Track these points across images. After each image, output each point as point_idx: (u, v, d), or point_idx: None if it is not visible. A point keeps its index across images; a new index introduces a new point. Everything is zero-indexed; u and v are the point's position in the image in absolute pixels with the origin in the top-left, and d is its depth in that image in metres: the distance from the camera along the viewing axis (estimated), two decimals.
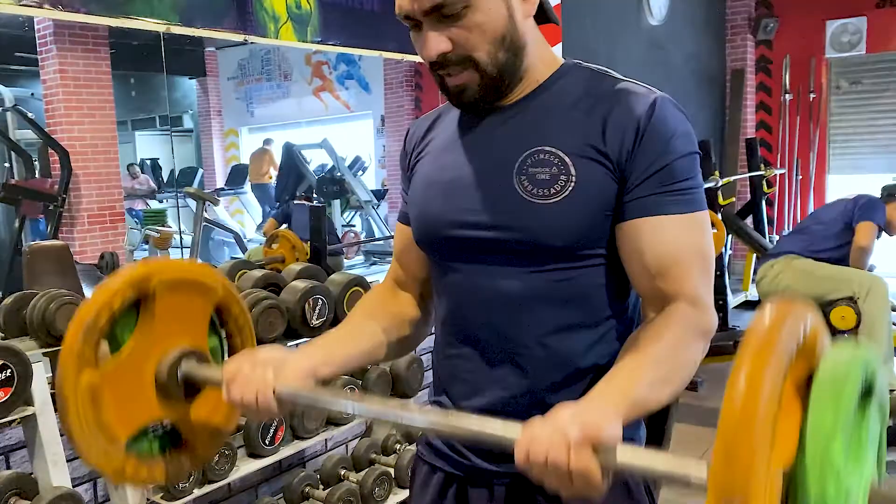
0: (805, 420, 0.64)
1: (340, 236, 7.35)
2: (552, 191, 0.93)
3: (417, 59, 4.49)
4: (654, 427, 2.14)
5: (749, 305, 5.92)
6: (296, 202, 4.97)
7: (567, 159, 0.93)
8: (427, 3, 0.91)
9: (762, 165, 6.10)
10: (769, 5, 6.96)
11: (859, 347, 0.68)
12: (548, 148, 0.94)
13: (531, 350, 0.97)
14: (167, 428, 1.04)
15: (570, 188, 0.92)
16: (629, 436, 1.02)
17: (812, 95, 6.86)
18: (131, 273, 0.98)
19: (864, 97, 6.78)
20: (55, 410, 1.77)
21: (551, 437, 0.73)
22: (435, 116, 1.12)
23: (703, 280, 0.94)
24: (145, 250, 7.26)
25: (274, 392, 0.93)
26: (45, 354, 1.93)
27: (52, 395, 1.83)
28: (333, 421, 2.31)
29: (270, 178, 9.57)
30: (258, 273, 2.36)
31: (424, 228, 1.06)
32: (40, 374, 1.69)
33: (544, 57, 1.01)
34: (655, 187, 0.92)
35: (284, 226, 4.85)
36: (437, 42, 0.93)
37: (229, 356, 1.10)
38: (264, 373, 0.93)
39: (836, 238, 3.71)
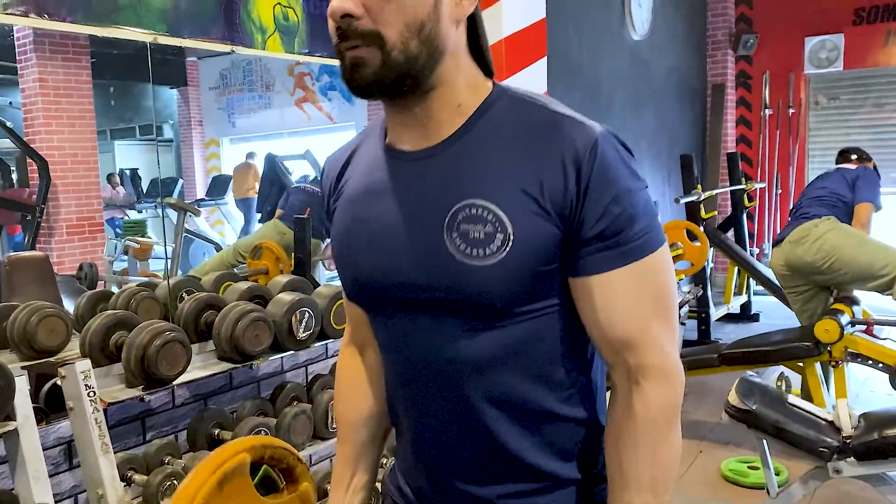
0: None
1: (323, 248, 7.31)
2: (487, 251, 0.84)
3: None
4: None
5: (731, 318, 5.97)
6: (294, 185, 4.92)
7: (502, 215, 0.84)
8: None
9: (743, 179, 6.17)
10: (749, 22, 7.06)
11: None
12: (480, 202, 0.85)
13: (480, 411, 0.91)
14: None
15: (508, 247, 0.83)
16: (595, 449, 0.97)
17: (791, 110, 6.96)
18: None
19: (841, 112, 6.89)
20: (38, 424, 1.74)
21: None
22: (352, 149, 1.03)
23: (665, 329, 0.88)
24: (124, 261, 7.18)
25: None
26: (24, 368, 1.90)
27: (35, 408, 1.79)
28: (319, 435, 2.28)
29: (255, 192, 9.53)
30: (244, 285, 2.34)
31: (355, 286, 0.98)
32: (22, 387, 1.65)
33: (471, 80, 0.91)
34: (606, 241, 0.84)
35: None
36: (351, 2, 0.83)
37: (282, 474, 1.16)
38: None
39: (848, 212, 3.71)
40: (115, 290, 5.09)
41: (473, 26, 0.91)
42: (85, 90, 5.84)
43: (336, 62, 0.88)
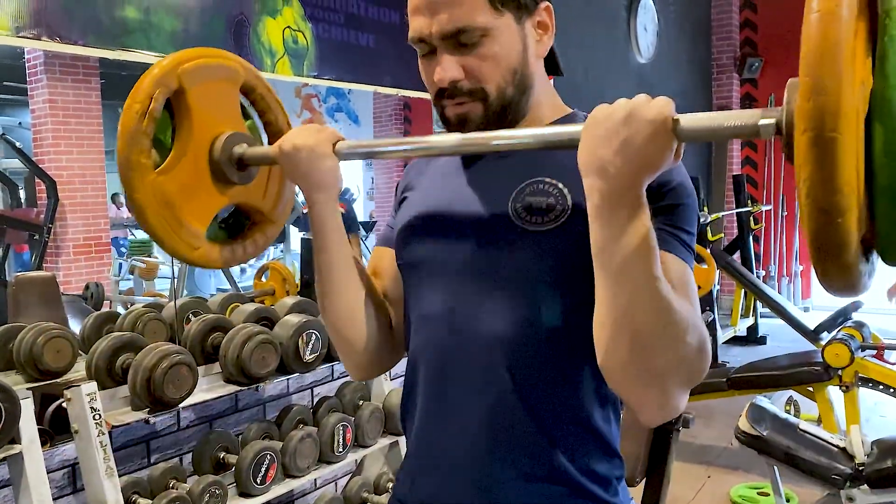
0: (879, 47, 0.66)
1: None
2: (546, 219, 0.90)
3: (410, 93, 4.53)
4: (653, 466, 2.11)
5: (738, 340, 5.94)
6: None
7: (565, 190, 0.91)
8: (447, 27, 0.90)
9: (749, 202, 6.15)
10: (754, 45, 7.10)
11: None
12: (547, 179, 0.92)
13: (497, 381, 0.92)
14: (230, 214, 1.12)
15: (566, 217, 0.90)
16: (608, 473, 0.95)
17: None
18: (155, 72, 1.00)
19: None
20: (42, 447, 1.73)
21: (619, 106, 0.76)
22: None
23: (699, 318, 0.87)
24: (129, 280, 7.18)
25: (333, 148, 0.98)
26: (29, 389, 1.89)
27: (39, 430, 1.78)
28: (325, 458, 2.26)
29: None
30: (250, 307, 2.33)
31: (409, 247, 1.02)
32: (28, 410, 1.64)
33: (552, 103, 1.01)
34: (662, 222, 0.87)
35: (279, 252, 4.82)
36: (452, 68, 0.91)
37: (267, 135, 1.16)
38: (321, 130, 0.99)
39: None
40: (120, 309, 5.08)
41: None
42: (94, 111, 5.88)
43: (347, 85, 0.91)
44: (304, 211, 5.43)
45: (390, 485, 2.55)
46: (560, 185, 0.91)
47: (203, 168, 1.05)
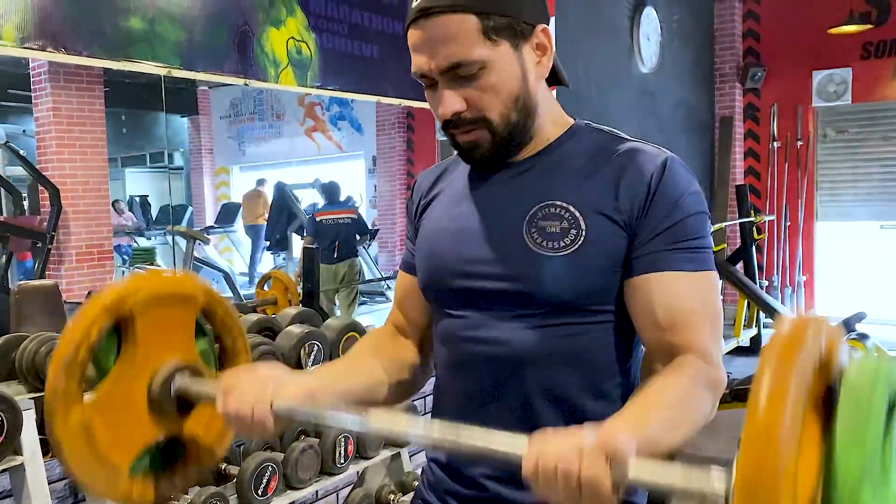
0: (830, 443, 0.62)
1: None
2: (561, 244, 0.93)
3: (413, 103, 4.54)
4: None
5: (741, 351, 5.92)
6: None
7: (577, 214, 0.93)
8: (444, 63, 0.93)
9: (752, 212, 6.15)
10: (757, 55, 7.10)
11: (882, 360, 0.66)
12: (559, 202, 0.95)
13: (533, 406, 0.95)
14: (162, 444, 1.01)
15: (580, 242, 0.92)
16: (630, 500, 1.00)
17: (799, 143, 6.96)
18: (105, 299, 0.93)
19: (850, 146, 6.88)
20: (44, 457, 1.72)
21: (563, 444, 0.71)
22: (443, 168, 1.13)
23: (713, 337, 0.92)
24: None
25: (271, 407, 0.89)
26: (32, 399, 1.89)
27: (42, 441, 1.78)
28: (327, 470, 2.26)
29: (264, 219, 9.57)
30: (253, 317, 2.34)
31: (430, 277, 1.05)
32: (30, 421, 1.64)
33: (555, 117, 1.03)
34: (666, 244, 0.92)
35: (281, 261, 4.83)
36: (453, 101, 0.94)
37: (221, 357, 1.09)
38: (262, 387, 0.90)
39: None
40: None
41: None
42: (98, 119, 5.90)
43: (351, 95, 0.92)
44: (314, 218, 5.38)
45: (392, 497, 2.55)
46: (571, 208, 0.94)
47: (140, 397, 0.97)
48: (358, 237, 6.58)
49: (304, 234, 6.77)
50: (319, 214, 6.69)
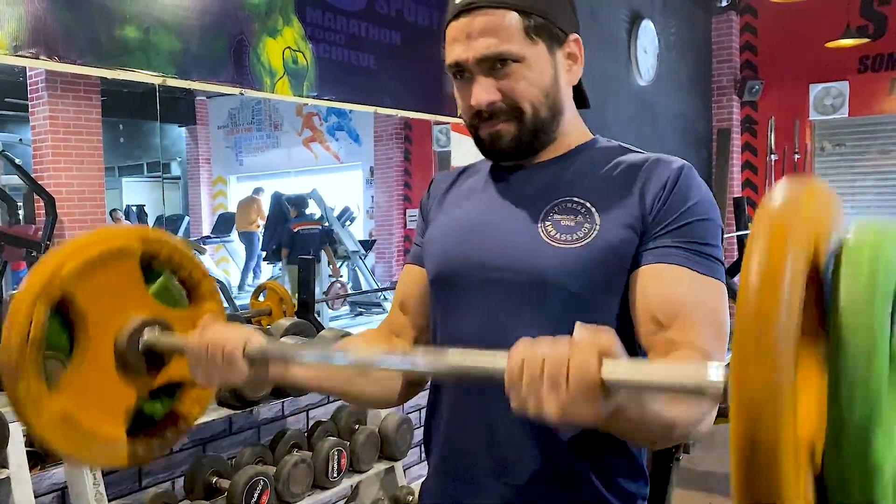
0: (834, 326, 0.55)
1: (326, 287, 7.30)
2: (574, 236, 0.93)
3: (411, 114, 4.53)
4: (654, 494, 2.09)
5: None
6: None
7: (593, 209, 0.94)
8: (485, 52, 0.94)
9: (749, 224, 6.14)
10: (754, 68, 7.12)
11: (888, 226, 0.58)
12: (577, 198, 0.96)
13: None
14: (145, 404, 1.00)
15: (593, 235, 0.92)
16: (636, 491, 0.98)
17: (797, 156, 6.97)
18: (34, 286, 0.87)
19: (846, 159, 6.89)
20: (31, 470, 1.70)
21: (552, 344, 0.68)
22: (461, 171, 1.14)
23: (717, 344, 0.87)
24: None
25: (244, 349, 0.88)
26: None
27: (31, 453, 1.75)
28: (320, 484, 2.23)
29: (258, 226, 9.55)
30: None
31: (441, 266, 1.03)
32: (17, 434, 1.62)
33: (578, 128, 1.04)
34: (674, 240, 0.91)
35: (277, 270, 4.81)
36: (488, 91, 0.95)
37: (186, 290, 1.05)
38: (238, 330, 0.90)
39: None
40: None
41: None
42: (94, 128, 5.89)
43: (347, 106, 0.91)
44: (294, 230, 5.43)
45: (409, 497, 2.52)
46: (588, 204, 0.95)
47: (108, 368, 0.94)
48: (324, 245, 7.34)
49: (282, 246, 7.25)
50: (297, 226, 6.98)
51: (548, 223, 0.95)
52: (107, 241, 0.95)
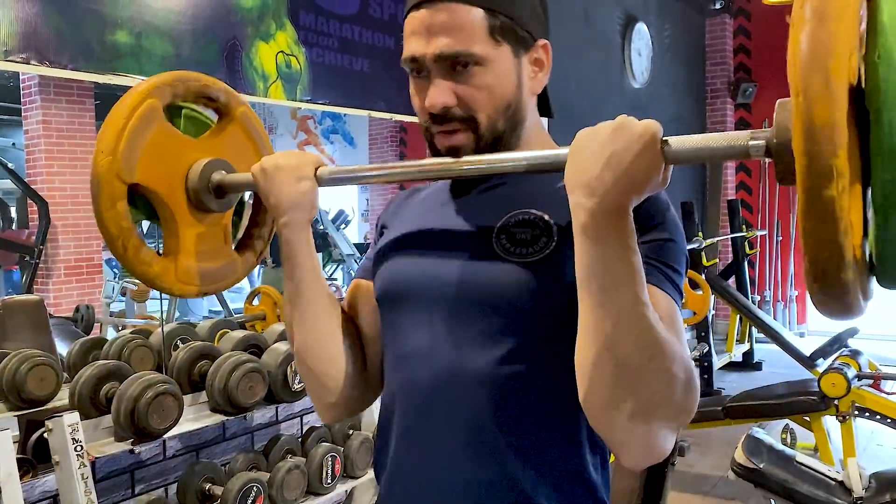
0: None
1: None
2: (530, 250, 0.87)
3: (405, 118, 4.53)
4: (648, 499, 2.07)
5: (733, 366, 5.91)
6: None
7: (551, 223, 0.88)
8: (443, 51, 0.87)
9: (744, 227, 6.15)
10: (748, 70, 7.14)
11: None
12: (533, 211, 0.89)
13: (482, 427, 0.87)
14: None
15: (551, 248, 0.86)
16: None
17: None
18: (104, 197, 1.07)
19: None
20: (21, 479, 1.68)
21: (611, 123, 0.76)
22: (421, 188, 1.09)
23: (684, 348, 0.81)
24: (122, 301, 7.12)
25: (316, 169, 0.99)
26: (14, 416, 1.85)
27: (22, 459, 1.74)
28: (314, 490, 2.22)
29: None
30: (239, 334, 2.30)
31: (393, 279, 0.97)
32: (7, 442, 1.60)
33: (540, 139, 0.97)
34: (648, 256, 0.83)
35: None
36: (443, 94, 0.89)
37: (217, 113, 1.17)
38: (306, 153, 1.01)
39: None
40: (111, 332, 5.02)
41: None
42: (88, 132, 5.87)
43: (341, 110, 0.90)
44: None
45: None
46: (546, 217, 0.89)
47: (194, 214, 1.11)
48: None
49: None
50: None
51: (503, 236, 0.89)
52: (130, 117, 1.05)
